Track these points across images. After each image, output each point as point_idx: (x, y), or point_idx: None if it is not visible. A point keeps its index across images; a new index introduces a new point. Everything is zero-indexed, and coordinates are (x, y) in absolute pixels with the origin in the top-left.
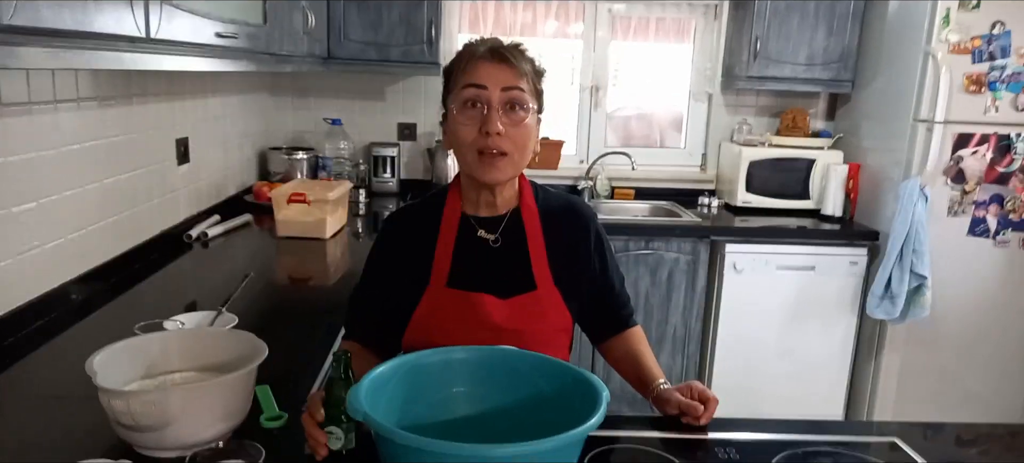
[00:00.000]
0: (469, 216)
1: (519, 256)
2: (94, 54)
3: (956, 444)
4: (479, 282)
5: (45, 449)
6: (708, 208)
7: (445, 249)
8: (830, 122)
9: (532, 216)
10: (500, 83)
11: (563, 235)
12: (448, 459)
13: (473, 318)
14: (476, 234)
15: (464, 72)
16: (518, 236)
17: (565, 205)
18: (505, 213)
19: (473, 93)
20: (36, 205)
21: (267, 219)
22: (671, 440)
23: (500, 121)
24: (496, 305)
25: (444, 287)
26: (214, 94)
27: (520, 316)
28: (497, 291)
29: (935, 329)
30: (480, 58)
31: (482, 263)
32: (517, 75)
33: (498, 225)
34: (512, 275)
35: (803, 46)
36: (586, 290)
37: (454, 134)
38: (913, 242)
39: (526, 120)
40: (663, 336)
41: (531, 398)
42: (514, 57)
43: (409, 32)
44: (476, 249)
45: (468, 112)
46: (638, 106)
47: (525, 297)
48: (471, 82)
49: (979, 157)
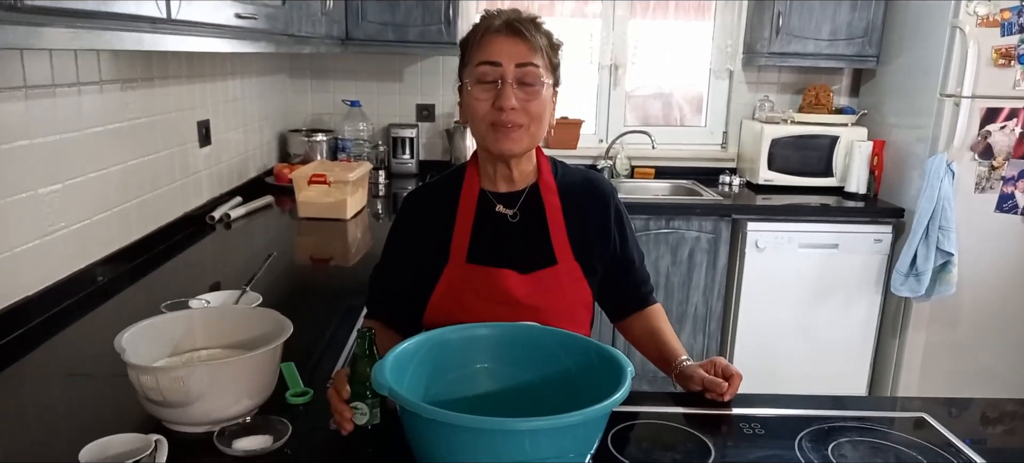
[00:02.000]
0: (487, 192)
1: (539, 231)
2: (116, 35)
3: (981, 421)
4: (499, 258)
5: (75, 425)
6: (729, 186)
7: (464, 225)
8: (854, 98)
9: (550, 191)
10: (514, 58)
11: (582, 210)
12: (473, 432)
13: (493, 294)
14: (494, 209)
15: (479, 47)
16: (537, 211)
17: (584, 180)
18: (523, 188)
19: (487, 70)
20: (62, 187)
21: (288, 200)
22: (694, 415)
23: (514, 96)
24: (517, 280)
25: (464, 263)
26: (233, 76)
27: (541, 291)
28: (517, 266)
29: (960, 307)
30: (495, 32)
31: (502, 238)
32: (531, 50)
33: (516, 200)
34: (532, 250)
35: (826, 21)
36: (605, 265)
37: (469, 108)
38: (939, 219)
39: (540, 94)
40: (684, 315)
41: (555, 374)
42: (529, 31)
43: (426, 12)
44: (495, 224)
45: (482, 87)
46: (658, 85)
47: (545, 272)
48: (485, 59)
49: (1008, 132)
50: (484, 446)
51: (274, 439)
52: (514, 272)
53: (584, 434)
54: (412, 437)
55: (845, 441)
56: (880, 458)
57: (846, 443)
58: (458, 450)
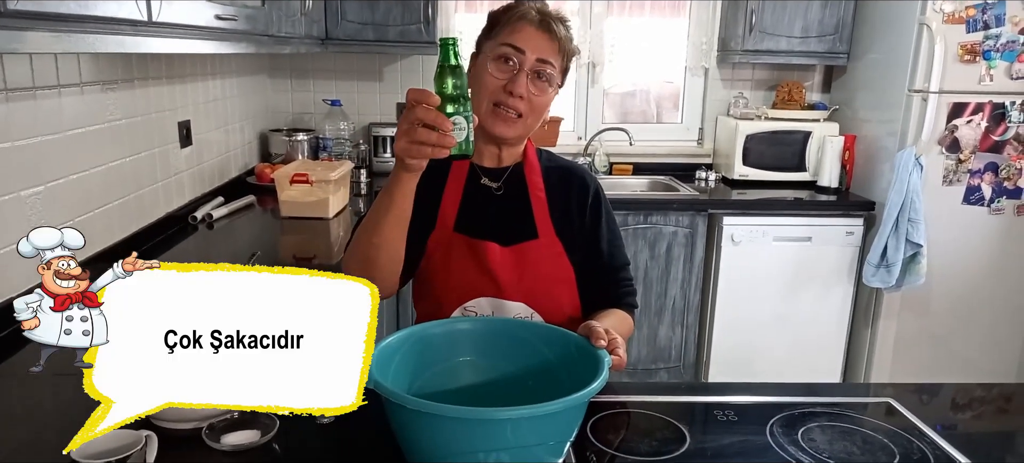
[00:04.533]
0: (475, 164)
1: (521, 205)
2: (98, 38)
3: (951, 406)
4: (484, 230)
5: (62, 423)
6: (705, 182)
7: (453, 195)
8: (826, 94)
9: (534, 171)
10: (538, 52)
11: (564, 190)
12: (457, 422)
13: (476, 264)
14: (480, 181)
15: (508, 28)
16: (520, 187)
17: (568, 166)
18: (509, 165)
19: (509, 52)
20: (44, 188)
21: (270, 200)
22: (671, 404)
23: (526, 86)
24: (498, 253)
25: (451, 232)
26: (214, 77)
27: (521, 263)
28: (500, 239)
29: (930, 297)
30: (528, 22)
31: (486, 211)
32: (555, 50)
33: (501, 176)
34: (514, 223)
35: (798, 18)
36: (580, 245)
37: (479, 79)
38: (909, 211)
39: (548, 92)
40: (662, 308)
41: (536, 366)
42: (558, 31)
43: (406, 12)
44: (481, 196)
45: (499, 65)
46: (634, 82)
47: (526, 245)
48: (512, 42)
49: (974, 126)
50: (468, 435)
51: (262, 433)
52: (496, 244)
53: (563, 422)
54: (397, 429)
55: (815, 426)
56: (848, 442)
57: (816, 428)
58: (443, 440)
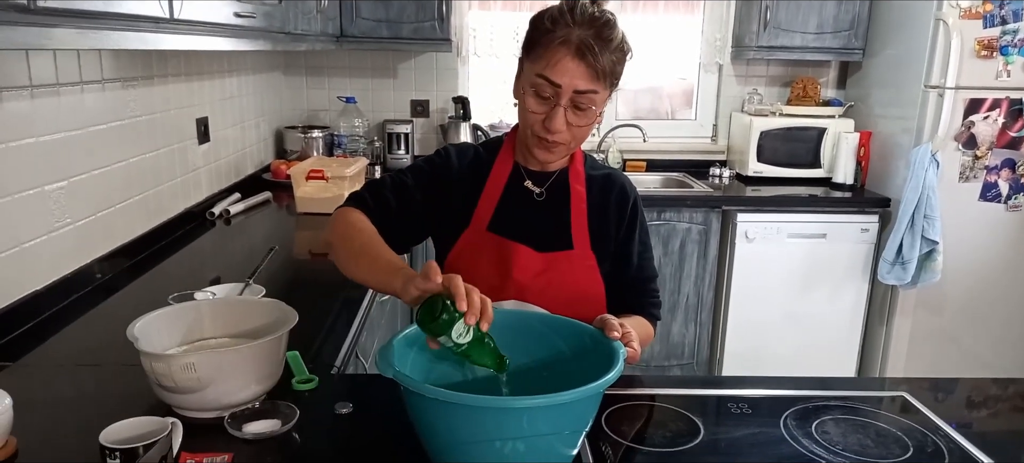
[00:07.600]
0: (520, 165)
1: (560, 214)
2: (121, 35)
3: (966, 402)
4: (518, 232)
5: (87, 411)
6: (719, 178)
7: (492, 194)
8: (841, 90)
9: (579, 180)
10: (575, 84)
11: (604, 198)
12: (474, 410)
13: (505, 266)
14: (523, 183)
15: (545, 53)
16: (563, 194)
17: (610, 173)
18: (554, 172)
19: (545, 86)
20: (67, 183)
21: (285, 196)
22: (685, 396)
23: (565, 118)
24: (530, 257)
25: (484, 231)
26: (230, 74)
27: (550, 271)
28: (534, 244)
29: (946, 294)
30: (565, 50)
31: (524, 214)
32: (594, 77)
33: (546, 180)
34: (551, 231)
35: (813, 14)
36: (612, 253)
37: (521, 102)
38: (924, 208)
39: (590, 116)
40: (676, 305)
41: (551, 357)
42: (597, 57)
43: (420, 9)
44: (521, 199)
45: (537, 99)
46: (648, 79)
47: (560, 254)
48: (547, 76)
49: (990, 122)
50: (484, 424)
51: (282, 423)
52: (529, 249)
53: (579, 412)
54: (415, 418)
55: (829, 419)
56: (862, 435)
57: (830, 421)
58: (459, 429)
